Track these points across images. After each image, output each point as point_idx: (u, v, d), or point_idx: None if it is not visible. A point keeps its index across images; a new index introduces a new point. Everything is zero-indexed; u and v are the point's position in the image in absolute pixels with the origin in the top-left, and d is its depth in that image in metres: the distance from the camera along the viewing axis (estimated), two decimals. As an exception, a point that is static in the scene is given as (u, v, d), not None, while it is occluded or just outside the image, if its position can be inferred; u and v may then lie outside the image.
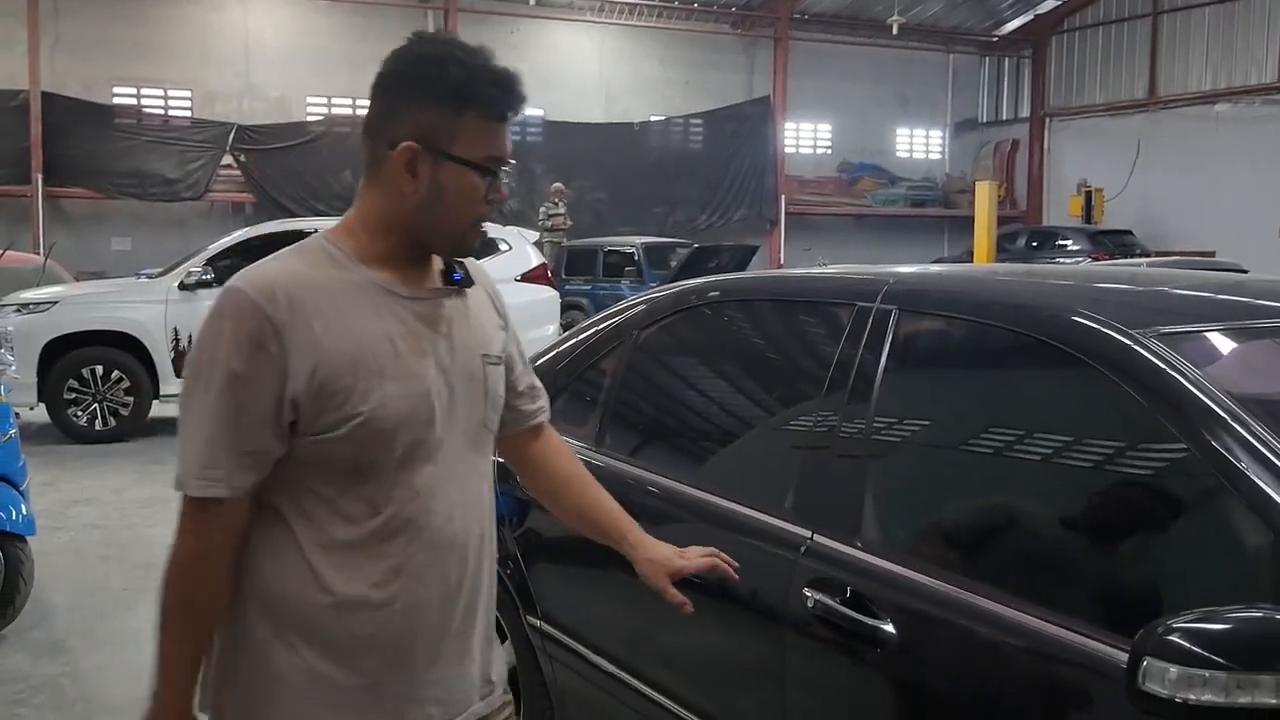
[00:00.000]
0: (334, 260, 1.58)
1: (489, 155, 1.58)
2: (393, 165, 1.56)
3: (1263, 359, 2.03)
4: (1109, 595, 1.82)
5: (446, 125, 1.55)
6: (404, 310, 1.59)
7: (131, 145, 18.30)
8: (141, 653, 4.60)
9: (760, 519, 2.30)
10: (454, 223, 1.59)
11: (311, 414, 1.52)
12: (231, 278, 1.57)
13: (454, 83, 1.54)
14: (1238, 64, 22.00)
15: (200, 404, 1.52)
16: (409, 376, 1.57)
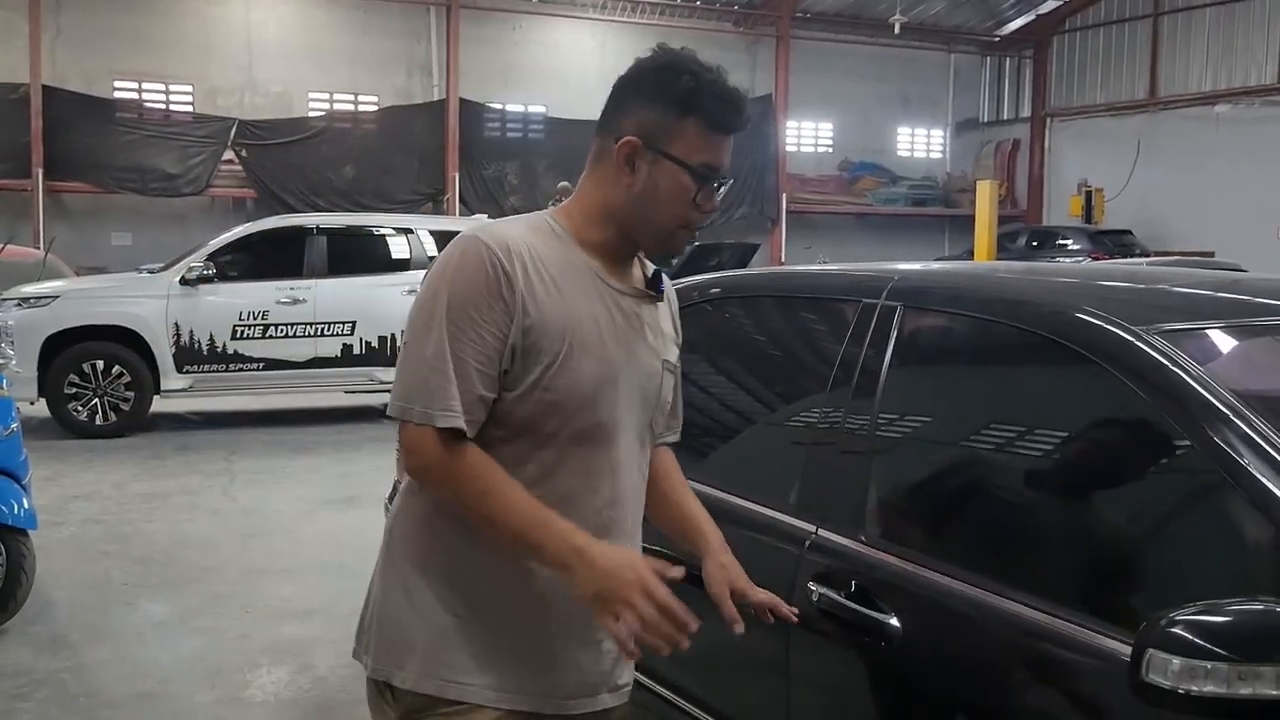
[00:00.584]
0: (557, 236, 1.71)
1: (705, 162, 1.68)
2: (614, 157, 1.69)
3: (1263, 356, 2.04)
4: (1112, 588, 1.83)
5: (668, 127, 1.67)
6: (610, 298, 1.72)
7: (132, 140, 18.31)
8: (144, 647, 4.64)
9: (765, 514, 2.32)
10: (663, 220, 1.70)
11: (519, 368, 1.63)
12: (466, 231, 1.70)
13: (683, 89, 1.66)
14: (1238, 65, 22.01)
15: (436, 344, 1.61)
16: (605, 359, 1.69)
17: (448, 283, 1.63)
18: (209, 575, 5.64)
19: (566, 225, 1.73)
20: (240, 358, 9.60)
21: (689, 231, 1.72)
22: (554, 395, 1.64)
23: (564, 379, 1.65)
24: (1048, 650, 1.75)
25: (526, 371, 1.64)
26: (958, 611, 1.90)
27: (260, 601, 5.21)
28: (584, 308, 1.68)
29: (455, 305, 1.62)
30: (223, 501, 7.26)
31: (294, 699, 4.16)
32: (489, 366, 1.62)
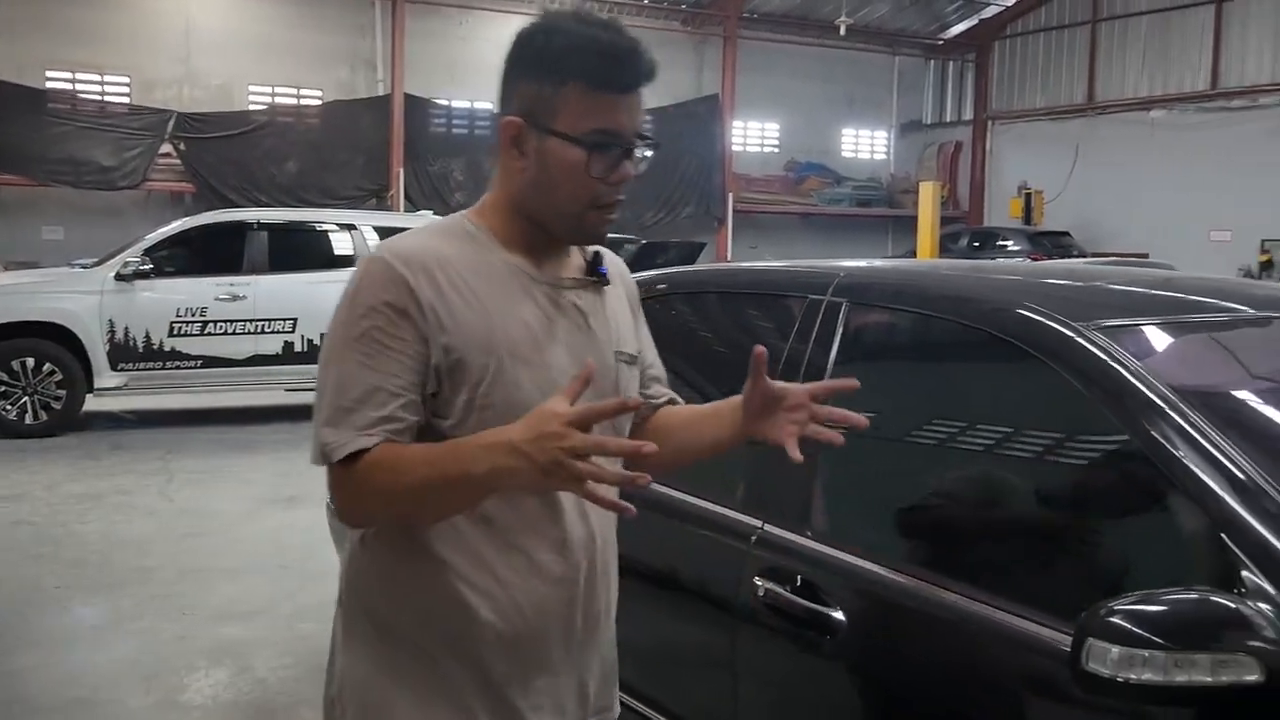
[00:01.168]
0: (473, 239, 1.55)
1: (597, 129, 1.49)
2: (501, 142, 1.53)
3: (1197, 351, 2.09)
4: (1053, 580, 1.86)
5: (548, 98, 1.49)
6: (541, 296, 1.55)
7: (66, 131, 17.88)
8: (76, 652, 4.53)
9: (711, 509, 2.32)
10: (565, 203, 1.51)
11: (447, 391, 1.49)
12: (374, 248, 1.56)
13: (556, 52, 1.49)
14: (1172, 72, 22.50)
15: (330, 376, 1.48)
16: (545, 365, 1.52)
17: (350, 310, 1.49)
18: (145, 577, 5.53)
19: (482, 224, 1.57)
20: (178, 355, 9.43)
21: (605, 211, 1.53)
22: (493, 415, 1.46)
23: (500, 396, 1.48)
24: (989, 642, 1.77)
25: (456, 393, 1.49)
26: (901, 605, 1.92)
27: (199, 603, 5.12)
28: (512, 314, 1.51)
29: (359, 334, 1.47)
30: (160, 502, 7.13)
31: (233, 701, 4.09)
32: (408, 391, 1.47)
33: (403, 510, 1.49)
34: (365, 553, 1.60)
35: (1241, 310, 2.21)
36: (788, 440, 1.61)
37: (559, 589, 1.56)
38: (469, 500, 1.45)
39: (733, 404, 1.70)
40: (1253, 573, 1.50)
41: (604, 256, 1.65)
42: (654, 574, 2.44)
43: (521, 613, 1.53)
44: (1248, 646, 1.39)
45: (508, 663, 1.55)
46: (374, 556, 1.59)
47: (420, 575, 1.54)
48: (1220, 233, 20.71)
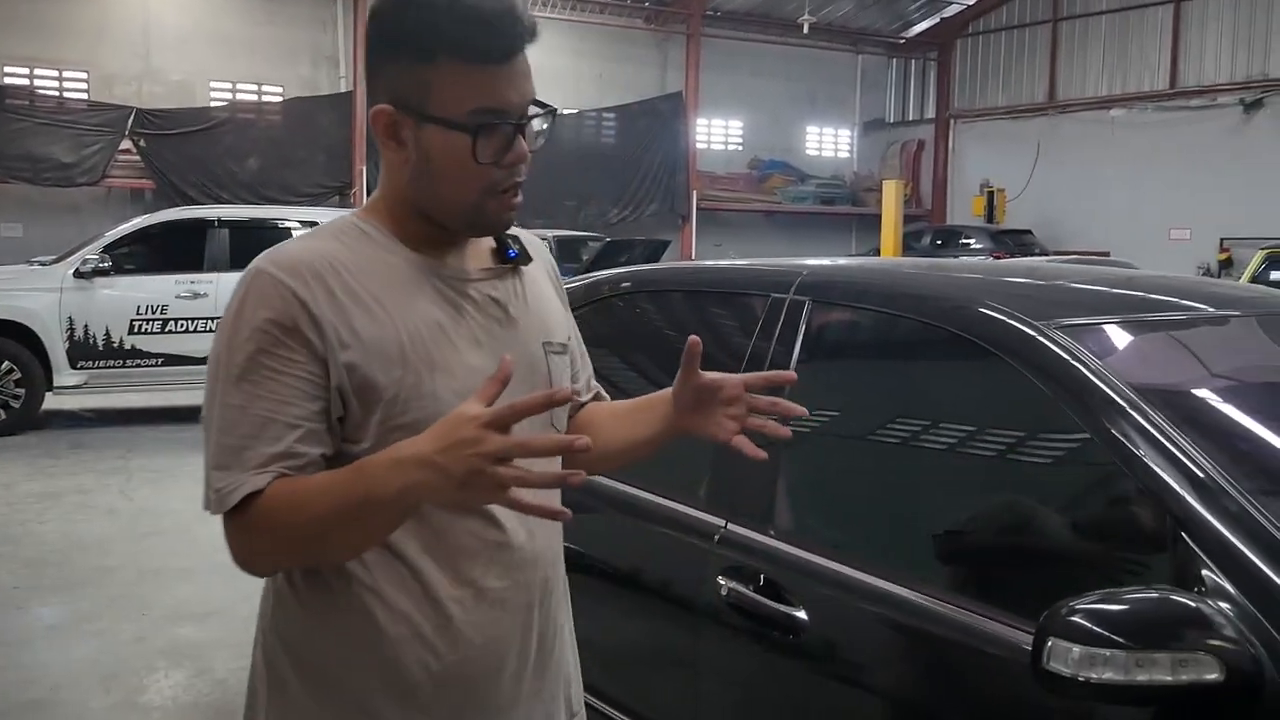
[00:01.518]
0: (370, 239, 1.37)
1: (479, 107, 1.31)
2: (376, 135, 1.36)
3: (1157, 350, 2.10)
4: (1014, 578, 1.87)
5: (418, 80, 1.31)
6: (452, 293, 1.38)
7: (23, 127, 17.59)
8: (34, 652, 4.47)
9: (674, 508, 2.32)
10: (455, 193, 1.34)
11: (358, 412, 1.31)
12: (255, 259, 1.35)
13: (417, 27, 1.30)
14: (1132, 71, 22.76)
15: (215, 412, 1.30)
16: (464, 368, 1.34)
17: (232, 332, 1.30)
18: (104, 577, 5.46)
19: (377, 222, 1.39)
20: (138, 353, 9.32)
21: (505, 197, 1.36)
22: (412, 432, 1.24)
23: (417, 410, 1.31)
24: (952, 640, 1.77)
25: (368, 414, 1.31)
26: (863, 604, 1.92)
27: (157, 603, 5.06)
28: (420, 316, 1.34)
29: (243, 361, 1.28)
30: (119, 501, 7.04)
31: (193, 703, 4.05)
32: (307, 420, 1.28)
33: (308, 551, 1.31)
34: (289, 591, 1.40)
35: (1201, 309, 2.24)
36: (729, 436, 1.48)
37: (510, 614, 1.40)
38: (381, 529, 1.27)
39: (663, 397, 1.56)
40: (1213, 571, 1.51)
41: (518, 238, 1.47)
42: (616, 573, 2.44)
43: (471, 646, 1.37)
44: (1208, 645, 1.40)
45: (460, 704, 1.38)
46: (299, 596, 1.39)
47: (352, 613, 1.35)
48: (1180, 231, 20.97)
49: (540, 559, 1.43)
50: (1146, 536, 1.69)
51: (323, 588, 1.37)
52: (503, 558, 1.39)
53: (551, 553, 1.47)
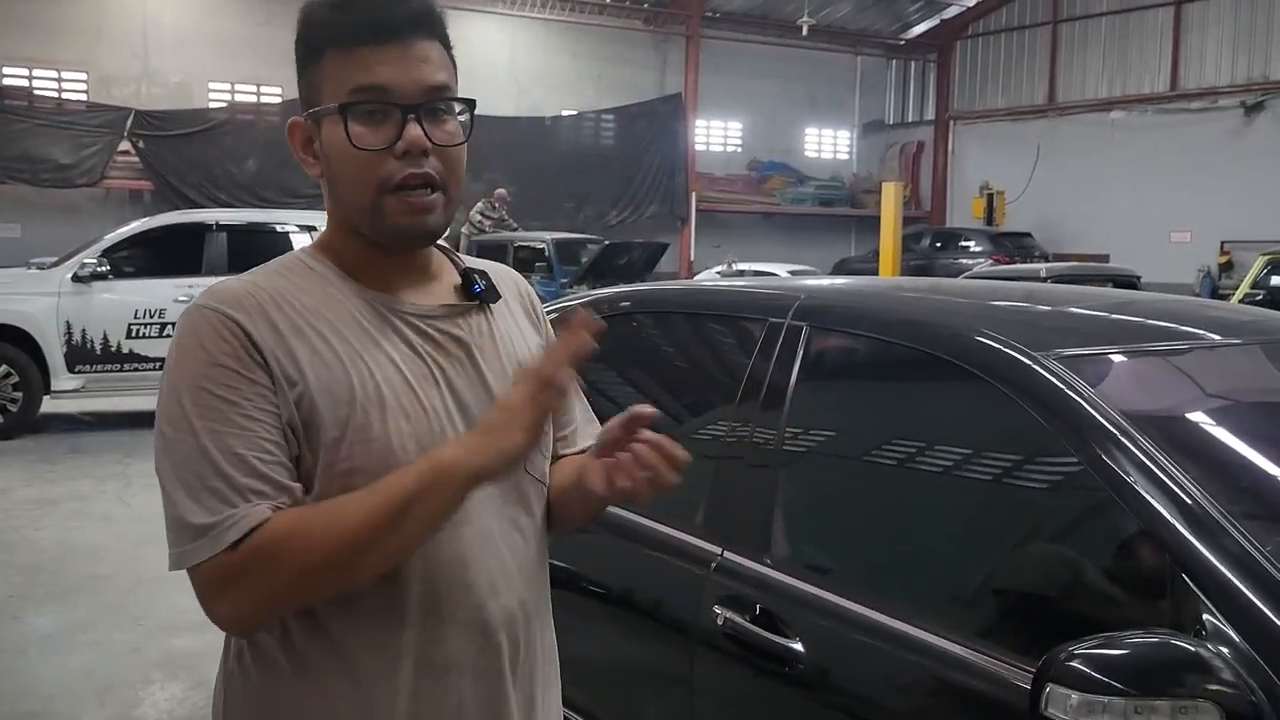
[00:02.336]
0: (317, 275, 1.30)
1: (354, 88, 1.24)
2: (295, 153, 1.32)
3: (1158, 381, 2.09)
4: (1010, 613, 1.86)
5: (312, 82, 1.28)
6: (409, 331, 1.29)
7: (22, 128, 17.59)
8: (29, 663, 4.45)
9: (671, 534, 2.30)
10: (354, 194, 1.26)
11: (307, 452, 1.23)
12: (194, 300, 1.28)
13: (311, 32, 1.29)
14: (1132, 73, 22.76)
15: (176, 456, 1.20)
16: (418, 412, 1.26)
17: (181, 374, 1.21)
18: (100, 585, 5.44)
19: (325, 257, 1.31)
20: (136, 357, 9.30)
21: (405, 194, 1.25)
22: (363, 477, 1.19)
23: (362, 455, 1.22)
24: (947, 678, 1.76)
25: (316, 454, 1.22)
26: (859, 636, 1.91)
27: (153, 613, 5.04)
28: (374, 357, 1.26)
29: (200, 400, 1.19)
30: (116, 507, 7.02)
31: (188, 716, 4.03)
32: (278, 452, 1.20)
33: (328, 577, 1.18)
34: (241, 675, 1.31)
35: (1202, 336, 2.22)
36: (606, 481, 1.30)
37: (481, 681, 1.30)
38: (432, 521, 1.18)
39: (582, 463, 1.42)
40: (1213, 615, 1.50)
41: (485, 273, 1.39)
42: (613, 598, 2.43)
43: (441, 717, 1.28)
44: (1208, 691, 1.38)
45: None
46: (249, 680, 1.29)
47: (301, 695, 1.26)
48: (1180, 233, 20.97)
49: (515, 617, 1.32)
50: (1145, 574, 1.67)
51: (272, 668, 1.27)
52: (461, 620, 1.28)
53: (525, 612, 1.34)
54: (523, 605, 1.34)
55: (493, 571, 1.30)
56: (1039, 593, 1.85)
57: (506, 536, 1.33)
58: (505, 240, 16.36)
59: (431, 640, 1.27)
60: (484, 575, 1.29)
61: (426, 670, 1.27)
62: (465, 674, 1.28)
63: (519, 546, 1.35)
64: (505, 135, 21.28)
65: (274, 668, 1.28)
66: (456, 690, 1.28)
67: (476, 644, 1.29)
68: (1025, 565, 1.90)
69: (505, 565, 1.32)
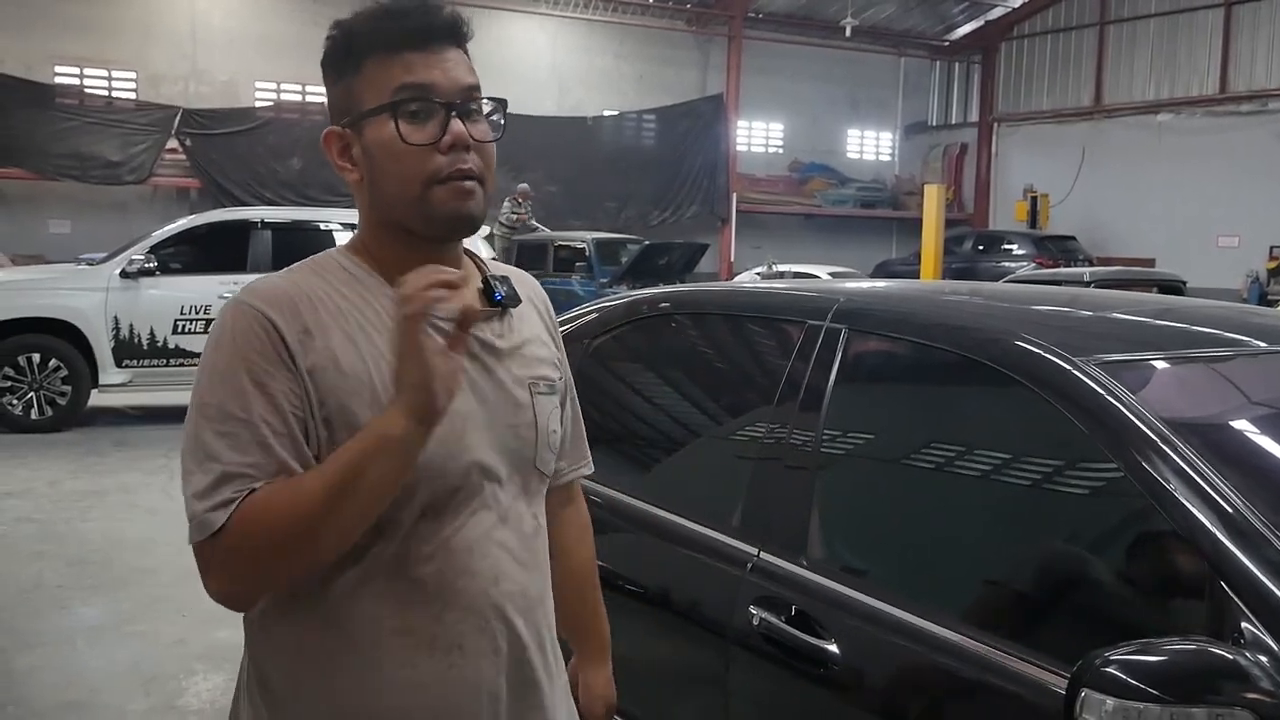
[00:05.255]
0: (351, 275, 1.38)
1: (400, 85, 1.33)
2: (332, 162, 1.41)
3: (1199, 388, 2.07)
4: (1046, 618, 1.85)
5: (350, 90, 1.37)
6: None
7: (73, 126, 17.91)
8: (76, 653, 4.54)
9: (708, 534, 2.31)
10: (402, 189, 1.34)
11: (330, 443, 1.30)
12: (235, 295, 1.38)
13: (347, 42, 1.38)
14: (1180, 76, 22.44)
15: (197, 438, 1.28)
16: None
17: (214, 363, 1.30)
18: (146, 577, 5.53)
19: (359, 259, 1.40)
20: (182, 352, 9.44)
21: (453, 184, 1.33)
22: None
23: None
24: (984, 682, 1.76)
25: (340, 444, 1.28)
26: (895, 639, 1.91)
27: (197, 606, 5.08)
28: None
29: (230, 389, 1.28)
30: (162, 500, 7.13)
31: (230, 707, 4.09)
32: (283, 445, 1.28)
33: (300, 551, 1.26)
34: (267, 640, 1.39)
35: (1246, 343, 2.20)
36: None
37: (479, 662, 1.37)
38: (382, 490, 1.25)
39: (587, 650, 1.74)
40: (1252, 623, 1.49)
41: (506, 279, 1.47)
42: (649, 598, 2.44)
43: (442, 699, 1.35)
44: (1245, 699, 1.37)
45: None
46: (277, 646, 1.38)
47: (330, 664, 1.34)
48: (1228, 238, 20.67)
49: (508, 607, 1.39)
50: (1183, 583, 1.67)
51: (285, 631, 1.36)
52: (464, 604, 1.35)
53: (530, 600, 1.42)
54: (524, 593, 1.41)
55: (498, 560, 1.38)
56: (1075, 598, 1.85)
57: (514, 527, 1.41)
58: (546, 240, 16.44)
59: (436, 620, 1.34)
60: (489, 563, 1.37)
61: (429, 648, 1.34)
62: (466, 654, 1.36)
63: (525, 537, 1.43)
64: (547, 135, 21.37)
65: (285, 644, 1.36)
66: (456, 668, 1.35)
67: (476, 626, 1.36)
68: (1062, 570, 1.90)
69: (511, 555, 1.40)
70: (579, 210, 20.90)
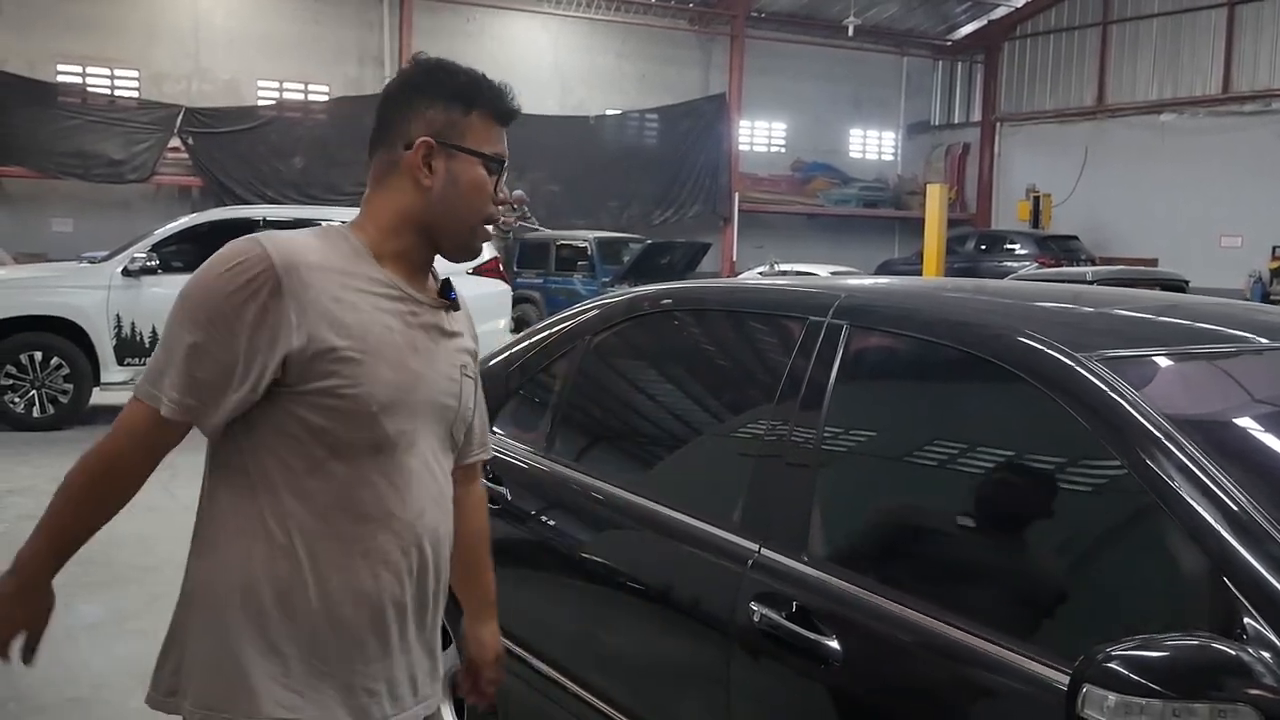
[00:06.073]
0: (354, 249, 1.66)
1: (495, 153, 1.70)
2: (410, 161, 1.66)
3: (1202, 384, 2.07)
4: (1049, 615, 1.85)
5: (457, 122, 1.67)
6: (406, 309, 1.68)
7: (75, 125, 17.92)
8: (78, 651, 4.53)
9: (709, 530, 2.30)
10: (465, 217, 1.69)
11: (306, 370, 1.57)
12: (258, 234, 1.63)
13: (463, 84, 1.69)
14: (1183, 75, 22.42)
15: (178, 332, 1.58)
16: (402, 367, 1.65)
17: (214, 276, 1.59)
18: (146, 575, 5.52)
19: (362, 239, 1.69)
20: (183, 351, 9.43)
21: (488, 229, 1.74)
22: (349, 404, 1.59)
23: (360, 387, 1.60)
24: (986, 678, 1.75)
25: (318, 377, 1.58)
26: (896, 635, 1.90)
27: (199, 603, 5.11)
28: (380, 318, 1.64)
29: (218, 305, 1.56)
30: (162, 498, 7.04)
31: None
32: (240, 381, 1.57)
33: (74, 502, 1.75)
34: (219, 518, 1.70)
35: (1249, 339, 2.19)
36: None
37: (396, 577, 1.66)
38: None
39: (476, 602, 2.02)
40: (1255, 619, 1.48)
41: (452, 283, 1.79)
42: (650, 594, 2.44)
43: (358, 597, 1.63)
44: (1248, 695, 1.37)
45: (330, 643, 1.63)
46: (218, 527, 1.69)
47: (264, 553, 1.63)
48: (1231, 238, 20.65)
49: (425, 538, 1.70)
50: (1186, 578, 1.66)
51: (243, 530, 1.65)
52: (394, 528, 1.66)
53: (440, 536, 1.74)
54: (436, 530, 1.73)
55: (422, 499, 1.70)
56: (1077, 593, 1.84)
57: (435, 475, 1.74)
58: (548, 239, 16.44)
59: (371, 536, 1.64)
60: (415, 498, 1.68)
61: (363, 557, 1.64)
62: (388, 569, 1.66)
63: (442, 483, 1.76)
64: (549, 134, 21.35)
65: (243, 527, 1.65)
66: (381, 578, 1.65)
67: (400, 548, 1.67)
68: (1063, 566, 1.89)
69: (431, 494, 1.72)
70: (581, 209, 20.90)
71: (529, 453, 2.97)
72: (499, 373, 3.26)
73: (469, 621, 2.02)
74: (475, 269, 10.19)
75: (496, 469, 2.97)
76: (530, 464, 2.94)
